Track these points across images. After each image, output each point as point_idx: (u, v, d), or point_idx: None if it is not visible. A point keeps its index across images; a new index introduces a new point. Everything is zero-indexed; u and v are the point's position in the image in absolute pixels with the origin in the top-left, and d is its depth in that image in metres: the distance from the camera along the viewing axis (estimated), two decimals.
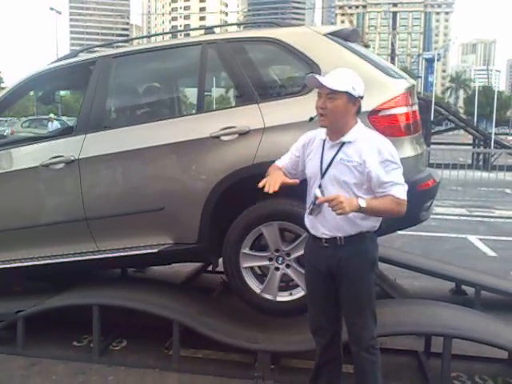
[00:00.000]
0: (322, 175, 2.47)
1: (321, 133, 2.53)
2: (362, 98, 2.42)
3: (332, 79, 2.39)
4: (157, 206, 3.47)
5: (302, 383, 3.07)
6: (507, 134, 48.13)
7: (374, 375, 2.54)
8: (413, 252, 5.68)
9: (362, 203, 2.30)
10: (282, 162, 2.68)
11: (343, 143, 2.43)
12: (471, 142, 25.73)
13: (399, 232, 4.17)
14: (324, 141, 2.51)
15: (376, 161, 2.36)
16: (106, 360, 3.51)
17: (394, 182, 2.36)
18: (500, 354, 3.33)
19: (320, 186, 2.46)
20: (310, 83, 2.53)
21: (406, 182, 2.42)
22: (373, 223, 2.47)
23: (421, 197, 3.15)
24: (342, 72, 2.44)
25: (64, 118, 25.64)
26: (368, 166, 2.36)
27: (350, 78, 2.40)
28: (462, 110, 59.97)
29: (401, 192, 2.37)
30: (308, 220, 2.56)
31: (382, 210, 2.38)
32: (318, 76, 2.43)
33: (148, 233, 3.55)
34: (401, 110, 3.13)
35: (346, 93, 2.37)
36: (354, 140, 2.42)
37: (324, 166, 2.46)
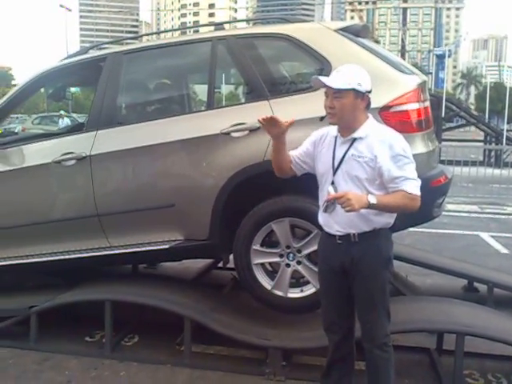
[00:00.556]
0: (334, 172, 2.46)
1: (333, 129, 2.53)
2: (370, 92, 2.40)
3: (336, 78, 2.38)
4: (168, 203, 3.47)
5: (314, 380, 3.08)
6: None
7: (386, 372, 2.53)
8: (424, 249, 5.64)
9: (372, 199, 2.29)
10: (296, 151, 2.68)
11: (354, 139, 2.42)
12: (482, 138, 25.52)
13: (410, 229, 4.13)
14: (336, 137, 2.50)
15: (387, 156, 2.34)
16: (117, 355, 3.54)
17: (406, 176, 2.34)
18: (507, 350, 3.31)
19: (333, 183, 2.45)
20: (315, 84, 2.52)
21: (418, 178, 2.40)
22: (387, 220, 2.45)
23: (433, 193, 3.13)
24: (347, 69, 2.41)
25: (74, 114, 25.77)
26: (379, 161, 2.34)
27: (356, 74, 2.38)
28: (473, 107, 59.45)
29: (413, 187, 2.34)
30: (322, 217, 2.55)
31: (393, 206, 2.36)
32: (321, 77, 2.42)
33: (159, 229, 3.56)
34: (412, 106, 3.11)
35: (353, 90, 2.36)
36: (365, 136, 2.40)
37: (336, 163, 2.46)
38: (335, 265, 2.51)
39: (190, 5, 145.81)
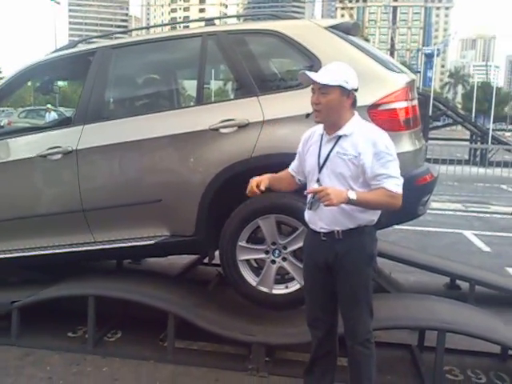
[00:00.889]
0: (320, 169, 2.47)
1: (319, 128, 2.54)
2: (356, 90, 2.41)
3: (323, 74, 2.39)
4: (154, 198, 3.46)
5: (296, 376, 3.10)
6: (505, 130, 48.14)
7: (368, 369, 2.56)
8: (408, 246, 5.69)
9: (352, 195, 2.30)
10: (292, 163, 2.71)
11: (340, 137, 2.43)
12: (468, 137, 25.74)
13: (395, 226, 4.18)
14: (322, 136, 2.51)
15: (370, 153, 2.35)
16: (100, 351, 3.52)
17: (388, 174, 2.34)
18: (492, 348, 3.35)
19: (318, 180, 2.46)
20: (302, 80, 2.53)
21: (404, 176, 2.41)
22: (370, 217, 2.46)
23: (418, 191, 3.16)
24: (334, 66, 2.43)
25: (61, 108, 25.52)
26: (362, 158, 2.36)
27: (343, 71, 2.40)
28: (460, 106, 59.94)
29: (394, 185, 2.34)
30: (307, 214, 2.57)
31: (374, 203, 2.37)
32: (308, 72, 2.43)
33: (145, 224, 3.55)
34: (401, 105, 3.13)
35: (339, 86, 2.37)
36: (350, 133, 2.41)
37: (321, 161, 2.47)
38: (320, 261, 2.53)
39: (180, 0, 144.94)
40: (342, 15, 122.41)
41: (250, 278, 3.39)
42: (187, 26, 4.64)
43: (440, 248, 6.53)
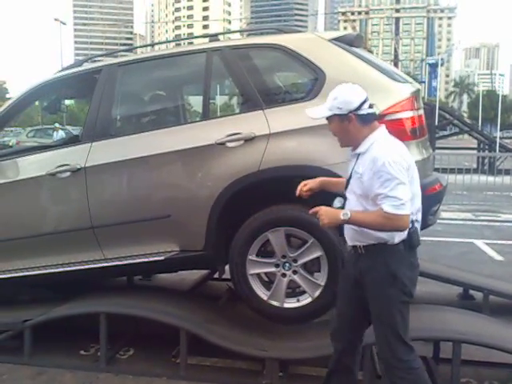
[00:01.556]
0: (346, 186, 2.52)
1: None
2: (357, 109, 2.38)
3: (319, 107, 2.49)
4: (163, 214, 3.47)
5: None
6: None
7: None
8: (419, 257, 5.64)
9: (345, 216, 2.32)
10: None
11: (358, 154, 2.45)
12: (476, 146, 25.67)
13: None
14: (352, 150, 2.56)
15: (371, 171, 2.32)
16: (113, 369, 3.50)
17: (385, 194, 2.26)
18: (509, 358, 3.30)
19: (344, 196, 2.51)
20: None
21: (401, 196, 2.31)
22: (380, 235, 2.37)
23: (428, 201, 3.12)
24: (332, 93, 2.45)
25: (69, 127, 25.75)
26: (364, 177, 2.36)
27: (336, 98, 2.41)
28: (466, 115, 59.83)
29: (390, 206, 2.25)
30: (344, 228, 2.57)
31: (369, 224, 2.33)
32: (307, 110, 2.59)
33: (154, 240, 3.55)
34: (406, 115, 3.13)
35: (335, 115, 2.41)
36: (365, 150, 2.41)
37: (348, 177, 2.51)
38: (350, 274, 2.56)
39: (184, 17, 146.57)
40: (345, 27, 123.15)
41: (261, 292, 3.38)
42: (191, 43, 4.68)
43: (451, 258, 6.47)
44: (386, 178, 2.26)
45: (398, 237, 2.38)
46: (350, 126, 2.41)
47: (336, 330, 2.66)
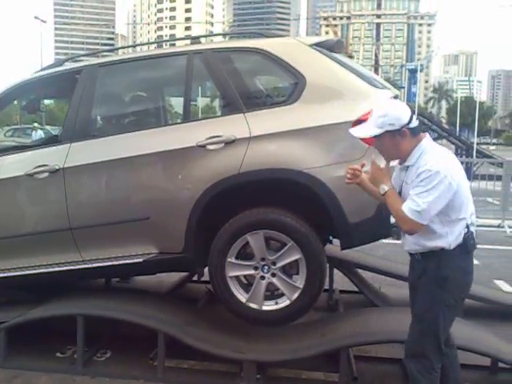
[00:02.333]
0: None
1: None
2: (409, 123, 2.42)
3: (368, 126, 2.49)
4: (142, 216, 3.45)
5: None
6: (489, 144, 48.82)
7: None
8: (397, 260, 5.71)
9: (382, 190, 2.46)
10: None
11: (407, 167, 2.50)
12: (453, 151, 26.10)
13: (383, 240, 4.19)
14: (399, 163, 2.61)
15: (414, 175, 2.41)
16: (89, 371, 3.47)
17: (412, 195, 2.36)
18: (482, 361, 3.36)
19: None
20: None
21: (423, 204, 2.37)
22: (436, 244, 2.44)
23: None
24: (378, 111, 2.47)
25: (48, 127, 25.41)
26: (411, 186, 2.42)
27: (386, 115, 2.42)
28: (444, 120, 60.73)
29: (408, 207, 2.35)
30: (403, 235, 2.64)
31: (391, 209, 2.46)
32: (352, 130, 2.63)
33: (133, 242, 3.53)
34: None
35: (386, 132, 2.42)
36: (414, 162, 2.46)
37: (399, 189, 2.56)
38: (410, 279, 2.64)
39: (166, 18, 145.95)
40: (327, 32, 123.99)
41: (240, 295, 3.39)
42: (173, 44, 4.67)
43: None
44: (419, 180, 2.35)
45: (455, 243, 2.43)
46: (402, 141, 2.44)
47: None
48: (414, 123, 2.44)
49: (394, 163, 2.62)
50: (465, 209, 2.43)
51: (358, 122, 2.85)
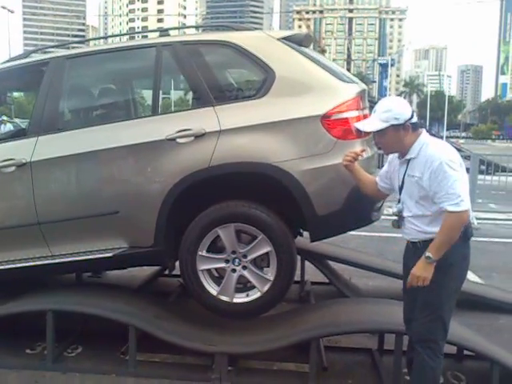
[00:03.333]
0: (400, 191, 2.65)
1: None
2: (411, 118, 2.53)
3: (373, 120, 2.58)
4: (111, 210, 3.43)
5: None
6: (458, 137, 49.77)
7: (420, 371, 2.65)
8: (367, 252, 5.80)
9: (430, 259, 2.46)
10: (380, 172, 2.90)
11: (409, 160, 2.58)
12: None
13: (353, 232, 4.25)
14: (399, 158, 2.68)
15: (428, 173, 2.46)
16: (60, 367, 3.44)
17: (445, 192, 2.41)
18: (448, 349, 3.44)
19: (399, 201, 2.67)
20: (358, 132, 2.84)
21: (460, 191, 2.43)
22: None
23: (372, 198, 3.23)
24: (381, 106, 2.57)
25: (17, 120, 24.82)
26: (423, 179, 2.48)
27: (391, 109, 2.53)
28: (415, 114, 61.51)
29: (452, 205, 2.40)
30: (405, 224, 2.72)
31: (447, 241, 2.45)
32: (357, 125, 2.76)
33: (103, 237, 3.50)
34: (352, 114, 3.20)
35: (391, 126, 2.51)
36: (415, 155, 2.55)
37: (400, 183, 2.64)
38: (408, 265, 2.66)
39: (138, 10, 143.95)
40: (300, 26, 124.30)
41: (211, 288, 3.40)
42: (146, 36, 4.63)
43: (398, 253, 6.58)
44: (443, 177, 2.42)
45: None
46: (404, 135, 2.54)
47: (406, 320, 2.84)
48: (415, 118, 2.56)
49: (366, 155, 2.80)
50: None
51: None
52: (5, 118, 19.43)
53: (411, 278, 2.54)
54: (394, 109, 2.54)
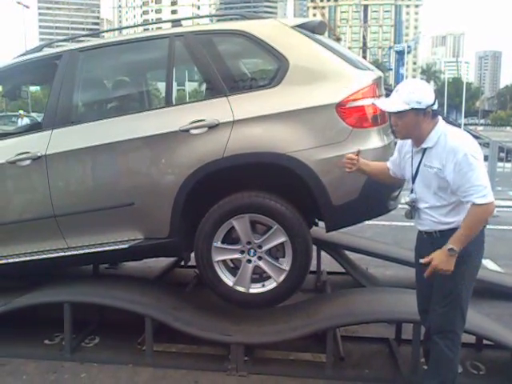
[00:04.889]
0: (413, 180, 2.59)
1: None
2: (433, 104, 2.43)
3: (394, 100, 2.44)
4: (127, 201, 3.44)
5: (276, 374, 3.14)
6: (476, 125, 49.04)
7: (440, 359, 2.60)
8: (384, 241, 5.76)
9: (452, 251, 2.39)
10: (391, 157, 2.82)
11: (425, 149, 2.50)
12: None
13: (370, 222, 4.22)
14: (412, 146, 2.59)
15: (451, 164, 2.38)
16: (78, 357, 3.48)
17: (471, 185, 2.34)
18: (467, 338, 3.40)
19: (412, 191, 2.60)
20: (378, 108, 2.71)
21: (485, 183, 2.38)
22: (459, 222, 2.46)
23: (388, 186, 3.20)
24: (405, 88, 2.45)
25: (34, 114, 25.09)
26: (445, 171, 2.41)
27: (414, 91, 2.41)
28: None
29: (480, 198, 2.33)
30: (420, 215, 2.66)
31: (472, 232, 2.40)
32: (377, 102, 2.62)
33: (118, 228, 3.51)
34: (368, 102, 3.15)
35: (412, 109, 2.41)
36: (433, 145, 2.47)
37: (413, 172, 2.58)
38: (423, 255, 2.58)
39: (152, 2, 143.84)
40: (314, 14, 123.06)
41: (227, 278, 3.41)
42: (160, 27, 4.60)
43: (414, 242, 6.58)
44: (469, 169, 2.34)
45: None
46: (423, 121, 2.44)
47: (421, 310, 2.81)
48: (436, 105, 2.46)
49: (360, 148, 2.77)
50: None
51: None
52: (22, 112, 19.66)
53: (433, 271, 2.47)
54: (418, 92, 2.41)
